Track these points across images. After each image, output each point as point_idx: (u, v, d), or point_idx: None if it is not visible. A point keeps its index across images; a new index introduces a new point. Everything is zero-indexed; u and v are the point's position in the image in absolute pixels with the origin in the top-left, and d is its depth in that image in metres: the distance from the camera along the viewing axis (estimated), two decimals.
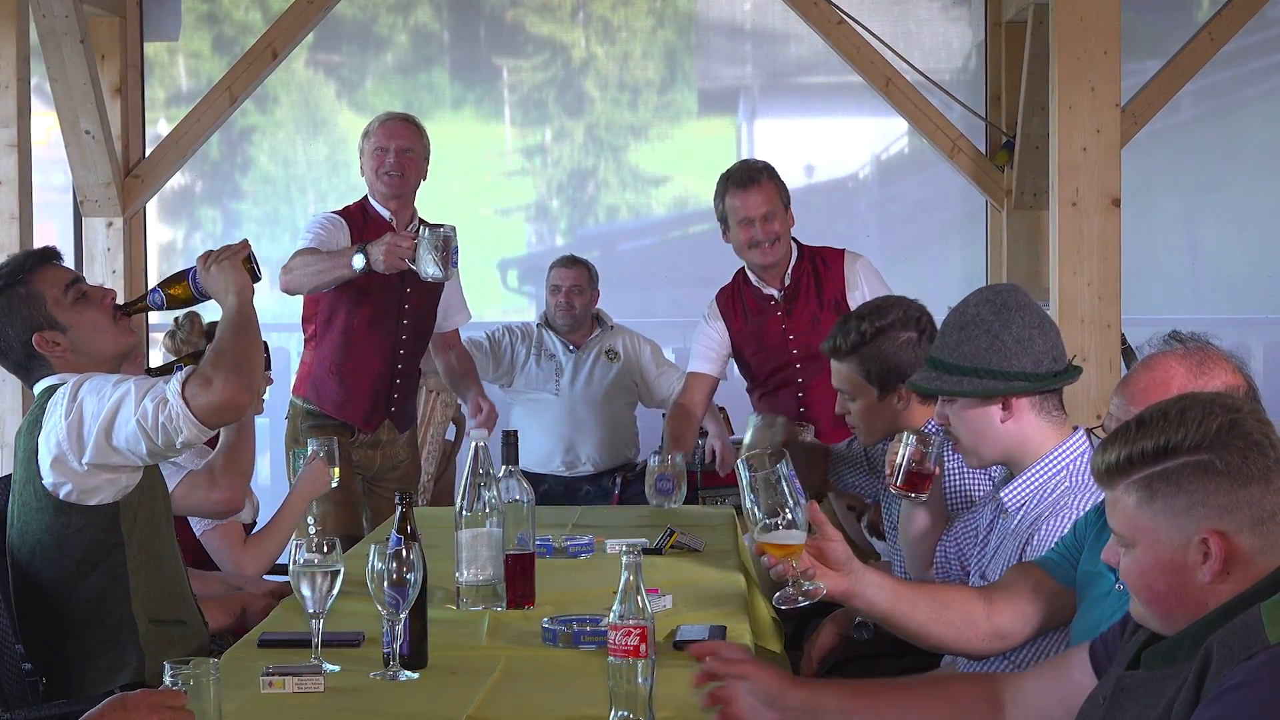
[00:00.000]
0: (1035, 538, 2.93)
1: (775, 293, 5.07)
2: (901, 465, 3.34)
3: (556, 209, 7.58)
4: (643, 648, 2.38)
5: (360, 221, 5.12)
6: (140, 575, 3.31)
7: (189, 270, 3.42)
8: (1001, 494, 3.08)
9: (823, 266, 5.07)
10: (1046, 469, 3.03)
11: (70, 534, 3.26)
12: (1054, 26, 5.71)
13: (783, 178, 5.10)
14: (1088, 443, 3.04)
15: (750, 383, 5.20)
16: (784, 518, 2.59)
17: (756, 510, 2.60)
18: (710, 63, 7.57)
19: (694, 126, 7.58)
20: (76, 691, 3.29)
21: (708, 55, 7.55)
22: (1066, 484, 2.99)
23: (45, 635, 3.33)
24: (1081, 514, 2.83)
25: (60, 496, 3.24)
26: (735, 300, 5.12)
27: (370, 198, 5.20)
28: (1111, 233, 5.64)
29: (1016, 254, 7.17)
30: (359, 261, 4.70)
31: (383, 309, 5.14)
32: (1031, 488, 3.03)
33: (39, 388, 3.36)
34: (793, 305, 5.05)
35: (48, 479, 3.24)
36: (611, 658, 2.40)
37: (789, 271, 5.05)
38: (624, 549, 2.43)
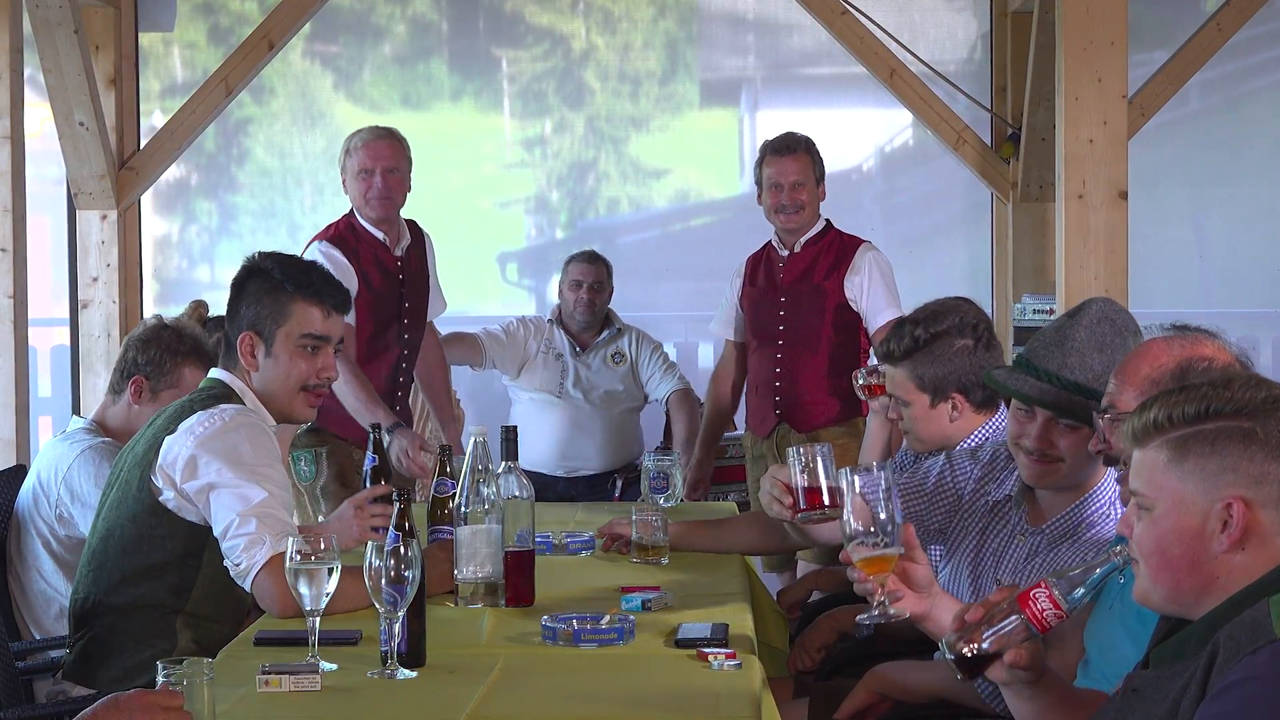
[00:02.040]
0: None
1: (785, 254, 5.32)
2: (799, 486, 2.80)
3: (557, 201, 7.53)
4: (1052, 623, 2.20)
5: (352, 242, 5.05)
6: (201, 604, 3.31)
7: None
8: (1047, 525, 3.04)
9: (839, 247, 5.31)
10: (1097, 501, 3.00)
11: (154, 537, 3.28)
12: (1060, 17, 5.67)
13: None
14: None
15: (747, 345, 5.44)
16: (881, 535, 2.50)
17: (853, 521, 2.50)
18: (712, 53, 7.52)
19: (696, 118, 7.55)
20: (86, 680, 3.32)
21: (709, 46, 7.51)
22: (1111, 516, 2.98)
23: (88, 611, 3.34)
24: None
25: (159, 499, 3.27)
26: (758, 261, 5.43)
27: (358, 215, 5.11)
28: (1118, 225, 5.61)
29: (1022, 247, 7.16)
30: (385, 438, 4.50)
31: (382, 326, 5.07)
32: (1080, 519, 3.01)
33: (212, 374, 3.40)
34: (794, 269, 5.29)
35: (156, 478, 3.27)
36: (1031, 625, 2.20)
37: (804, 240, 5.29)
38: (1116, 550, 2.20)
